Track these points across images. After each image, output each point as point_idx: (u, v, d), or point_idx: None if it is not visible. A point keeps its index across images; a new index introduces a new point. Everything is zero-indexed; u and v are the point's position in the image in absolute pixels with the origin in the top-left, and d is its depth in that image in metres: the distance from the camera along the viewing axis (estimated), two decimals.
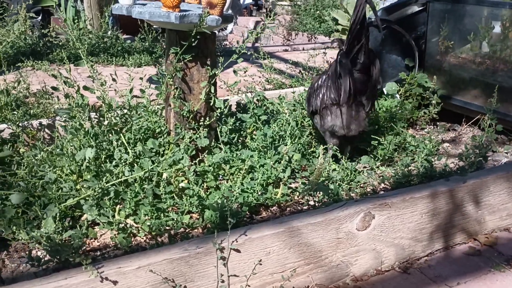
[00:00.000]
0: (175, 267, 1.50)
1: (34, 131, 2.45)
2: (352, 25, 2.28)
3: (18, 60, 4.48)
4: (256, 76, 3.81)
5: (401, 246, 1.87)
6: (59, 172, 1.99)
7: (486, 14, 2.86)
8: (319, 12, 7.70)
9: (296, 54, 5.75)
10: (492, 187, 2.04)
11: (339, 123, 2.40)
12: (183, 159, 2.06)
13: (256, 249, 1.60)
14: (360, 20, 2.26)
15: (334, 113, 2.39)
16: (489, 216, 2.08)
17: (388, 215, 1.81)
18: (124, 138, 2.16)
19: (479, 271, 1.85)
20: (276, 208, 2.14)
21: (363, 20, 2.27)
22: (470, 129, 3.15)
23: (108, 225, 1.86)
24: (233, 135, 2.43)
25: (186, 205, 1.95)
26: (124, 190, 1.94)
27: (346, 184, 2.25)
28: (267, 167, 2.15)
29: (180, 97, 2.22)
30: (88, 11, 5.96)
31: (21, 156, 2.15)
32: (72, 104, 2.14)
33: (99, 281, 1.41)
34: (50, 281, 1.37)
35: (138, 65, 4.85)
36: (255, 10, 10.54)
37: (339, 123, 2.40)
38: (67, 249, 1.58)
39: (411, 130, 3.12)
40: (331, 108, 2.40)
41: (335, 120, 2.40)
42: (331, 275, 1.75)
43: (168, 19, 1.99)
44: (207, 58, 2.22)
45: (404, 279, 1.80)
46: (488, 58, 2.91)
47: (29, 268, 1.71)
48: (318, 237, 1.69)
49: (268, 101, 2.86)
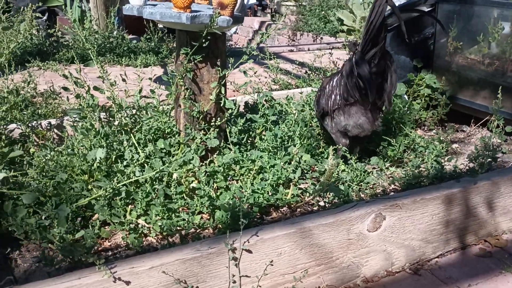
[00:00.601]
0: (187, 267, 1.50)
1: (43, 131, 2.45)
2: (370, 25, 2.25)
3: (24, 60, 4.50)
4: (262, 76, 3.81)
5: (411, 247, 1.87)
6: (70, 172, 2.00)
7: (495, 15, 2.86)
8: (324, 13, 7.70)
9: (301, 54, 5.74)
10: (503, 188, 2.04)
11: (352, 123, 2.40)
12: (194, 159, 2.06)
13: (267, 250, 1.60)
14: (379, 21, 2.22)
15: (347, 113, 2.39)
16: (499, 218, 2.08)
17: (399, 216, 1.81)
18: (134, 139, 2.17)
19: (490, 273, 1.85)
20: (286, 209, 2.14)
21: (382, 21, 2.24)
22: (479, 130, 3.15)
23: (119, 225, 1.87)
24: (242, 136, 2.43)
25: (197, 205, 1.95)
26: (135, 190, 1.94)
27: (356, 185, 2.25)
28: (278, 168, 2.15)
29: (190, 97, 2.22)
30: (94, 11, 5.97)
31: (32, 156, 2.16)
32: (82, 104, 2.15)
33: (112, 281, 1.41)
34: (64, 281, 1.37)
35: (145, 65, 4.85)
36: (260, 10, 10.54)
37: (352, 122, 2.40)
38: (80, 249, 1.58)
39: (419, 131, 3.11)
40: (345, 108, 2.40)
41: (348, 120, 2.40)
42: (342, 276, 1.75)
43: (179, 20, 1.99)
44: (217, 58, 2.22)
45: (415, 280, 1.80)
46: (497, 59, 2.91)
47: (42, 268, 1.71)
48: (329, 238, 1.69)
49: (276, 102, 2.86)
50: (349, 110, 2.40)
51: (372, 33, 2.26)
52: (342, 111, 2.41)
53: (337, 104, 2.42)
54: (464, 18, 3.04)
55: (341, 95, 2.41)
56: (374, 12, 2.23)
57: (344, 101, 2.39)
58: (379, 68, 2.33)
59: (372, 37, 2.27)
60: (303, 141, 2.43)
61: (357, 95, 2.35)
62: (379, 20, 2.23)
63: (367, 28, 2.28)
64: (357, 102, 2.38)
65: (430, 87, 3.12)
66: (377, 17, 2.23)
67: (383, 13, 2.23)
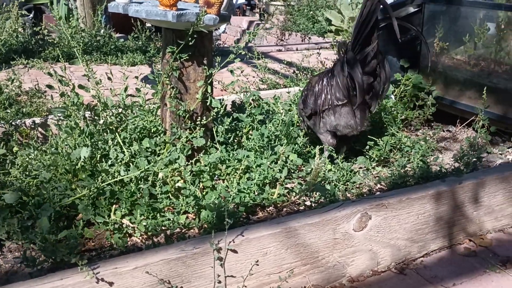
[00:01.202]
0: (172, 267, 1.49)
1: (27, 130, 2.42)
2: (361, 25, 2.22)
3: (9, 58, 4.44)
4: (250, 76, 3.80)
5: (397, 247, 1.87)
6: (53, 171, 1.97)
7: (481, 16, 2.88)
8: (313, 13, 7.71)
9: (289, 54, 5.74)
10: (488, 188, 2.05)
11: (343, 123, 2.39)
12: (179, 158, 2.05)
13: (253, 250, 1.60)
14: (372, 21, 2.20)
15: (338, 113, 2.38)
16: (484, 217, 2.09)
17: (385, 215, 1.82)
18: (119, 138, 2.14)
19: (474, 272, 1.86)
20: (272, 209, 2.13)
21: (376, 21, 2.22)
22: (464, 130, 3.17)
23: (103, 225, 1.85)
24: (229, 135, 2.42)
25: (182, 205, 1.94)
26: (120, 190, 1.92)
27: (342, 185, 2.25)
28: (264, 167, 2.14)
29: (176, 96, 2.21)
30: (80, 9, 5.92)
31: (15, 155, 2.13)
32: (67, 103, 2.12)
33: (95, 282, 1.39)
34: (45, 282, 1.35)
35: (131, 64, 4.82)
36: (248, 10, 10.53)
37: (343, 123, 2.39)
38: (62, 250, 1.56)
39: (405, 131, 3.12)
40: (336, 108, 2.39)
41: (339, 120, 2.39)
42: (328, 275, 1.75)
43: (165, 18, 1.98)
44: (203, 57, 2.21)
45: (400, 280, 1.80)
46: (482, 60, 2.93)
47: (23, 269, 1.69)
48: (315, 237, 1.69)
49: (263, 101, 2.86)
50: (340, 110, 2.39)
51: (364, 33, 2.25)
52: (333, 111, 2.40)
53: (327, 104, 2.41)
54: (450, 19, 3.06)
55: (332, 95, 2.39)
56: (366, 11, 2.21)
57: (336, 101, 2.38)
58: (370, 68, 2.33)
59: (364, 37, 2.26)
60: (290, 140, 2.43)
61: (349, 95, 2.34)
62: (372, 19, 2.21)
63: (358, 28, 2.26)
64: (349, 102, 2.37)
65: (416, 87, 3.13)
66: (370, 16, 2.21)
67: (375, 12, 2.21)
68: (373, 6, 2.19)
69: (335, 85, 2.38)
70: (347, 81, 2.32)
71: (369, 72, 2.33)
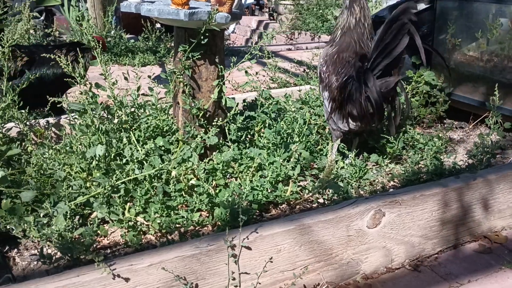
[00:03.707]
0: (186, 264, 1.49)
1: (41, 130, 2.44)
2: (385, 50, 2.14)
3: None
4: (260, 75, 3.80)
5: (411, 243, 1.87)
6: (68, 170, 1.99)
7: (493, 11, 2.85)
8: (322, 11, 7.69)
9: (299, 53, 5.74)
10: (502, 184, 2.04)
11: (350, 127, 2.38)
12: (192, 157, 2.05)
13: (267, 247, 1.60)
14: (398, 52, 2.14)
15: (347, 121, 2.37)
16: (499, 214, 2.07)
17: (399, 212, 1.81)
18: (133, 136, 2.16)
19: (490, 269, 1.84)
20: (285, 206, 2.13)
21: (401, 53, 2.15)
22: (477, 127, 3.15)
23: (118, 223, 1.86)
24: (241, 133, 2.42)
25: (196, 202, 1.95)
26: (134, 188, 1.93)
27: (355, 182, 2.25)
28: (277, 165, 2.14)
29: (190, 94, 2.22)
30: (91, 10, 5.96)
31: (29, 155, 2.15)
32: (83, 101, 2.14)
33: (111, 278, 1.40)
34: (62, 279, 1.37)
35: (143, 64, 4.84)
36: (257, 10, 10.53)
37: (351, 127, 2.38)
38: (79, 246, 1.58)
39: (418, 128, 3.11)
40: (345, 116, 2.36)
41: (348, 126, 2.38)
42: (342, 272, 1.75)
43: (177, 17, 1.99)
44: (215, 55, 2.21)
45: (414, 277, 1.79)
46: (495, 56, 2.90)
47: (40, 266, 1.71)
48: (328, 234, 1.69)
49: (275, 100, 2.86)
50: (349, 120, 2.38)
51: (386, 59, 2.18)
52: (342, 117, 2.39)
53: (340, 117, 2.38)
54: (463, 15, 3.04)
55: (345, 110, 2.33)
56: (394, 40, 2.13)
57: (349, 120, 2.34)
58: (388, 93, 2.26)
59: (387, 64, 2.19)
60: (302, 138, 2.43)
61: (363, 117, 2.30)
62: (398, 50, 2.14)
63: (380, 50, 2.17)
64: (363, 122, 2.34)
65: (428, 84, 3.12)
66: (398, 48, 2.13)
67: (402, 44, 2.13)
68: (404, 39, 2.11)
69: (350, 98, 2.32)
70: (365, 103, 2.26)
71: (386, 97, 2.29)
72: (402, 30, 2.12)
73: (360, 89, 2.25)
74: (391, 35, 2.13)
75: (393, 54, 2.16)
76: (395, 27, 2.12)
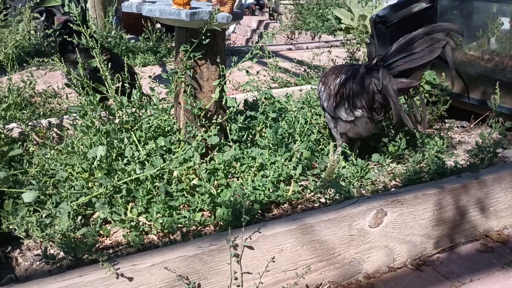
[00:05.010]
0: (188, 264, 1.50)
1: (43, 130, 2.44)
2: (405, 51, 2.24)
3: (22, 60, 4.48)
4: (261, 75, 3.80)
5: (413, 243, 1.87)
6: (70, 170, 1.99)
7: (494, 10, 2.85)
8: (322, 11, 7.69)
9: (300, 53, 5.73)
10: (504, 183, 2.04)
11: (354, 131, 2.41)
12: (194, 157, 2.06)
13: (269, 246, 1.60)
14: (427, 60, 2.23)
15: (352, 124, 2.39)
16: (500, 213, 2.07)
17: (400, 212, 1.81)
18: (135, 136, 2.16)
19: (492, 268, 1.84)
20: (287, 206, 2.13)
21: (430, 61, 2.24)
22: (479, 126, 3.15)
23: (120, 223, 1.86)
24: (242, 133, 2.42)
25: (198, 202, 1.95)
26: (136, 188, 1.93)
27: (357, 181, 2.25)
28: (278, 165, 2.14)
29: (191, 94, 2.22)
30: (92, 11, 5.96)
31: (31, 155, 2.15)
32: (83, 102, 2.14)
33: (114, 278, 1.41)
34: (65, 279, 1.37)
35: (143, 64, 4.85)
36: (258, 10, 10.52)
37: (355, 130, 2.40)
38: (82, 247, 1.58)
39: (419, 127, 3.10)
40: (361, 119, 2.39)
41: (353, 128, 2.40)
42: (344, 272, 1.75)
43: (178, 17, 1.99)
44: (216, 55, 2.21)
45: (416, 276, 1.80)
46: (496, 55, 2.90)
47: (42, 266, 1.71)
48: (330, 234, 1.69)
49: (276, 99, 2.86)
50: (353, 121, 2.39)
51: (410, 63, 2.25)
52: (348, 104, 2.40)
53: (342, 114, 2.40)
54: (463, 14, 3.04)
55: (350, 103, 2.36)
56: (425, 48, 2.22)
57: (355, 111, 2.36)
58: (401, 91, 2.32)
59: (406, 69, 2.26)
60: (303, 138, 2.43)
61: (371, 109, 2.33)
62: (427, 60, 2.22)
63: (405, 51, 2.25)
64: (368, 116, 2.36)
65: (429, 83, 3.11)
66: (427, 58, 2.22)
67: (433, 55, 2.21)
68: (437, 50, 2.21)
69: (355, 91, 2.34)
70: (373, 96, 2.29)
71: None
72: (438, 44, 2.21)
73: (368, 78, 2.30)
74: (425, 43, 2.21)
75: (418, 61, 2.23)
76: (432, 38, 2.22)
